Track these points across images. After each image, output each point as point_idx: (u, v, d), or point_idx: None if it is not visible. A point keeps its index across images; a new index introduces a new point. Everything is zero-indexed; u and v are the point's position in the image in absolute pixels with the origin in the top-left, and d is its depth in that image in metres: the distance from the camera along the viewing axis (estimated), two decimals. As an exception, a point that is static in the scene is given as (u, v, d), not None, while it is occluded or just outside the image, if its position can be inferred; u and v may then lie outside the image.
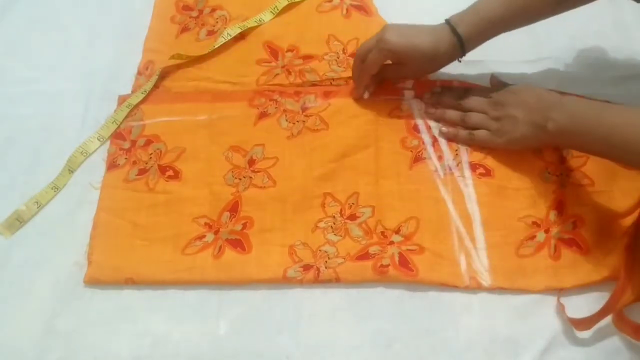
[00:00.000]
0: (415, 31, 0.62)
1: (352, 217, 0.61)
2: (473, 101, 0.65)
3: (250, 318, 0.57)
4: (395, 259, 0.58)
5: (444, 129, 0.65)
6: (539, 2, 0.61)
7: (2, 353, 0.56)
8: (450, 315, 0.56)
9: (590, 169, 0.62)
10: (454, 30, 0.61)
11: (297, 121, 0.67)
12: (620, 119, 0.53)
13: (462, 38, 0.61)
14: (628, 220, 0.57)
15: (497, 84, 0.67)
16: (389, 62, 0.64)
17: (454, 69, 0.69)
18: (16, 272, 0.60)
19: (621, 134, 0.53)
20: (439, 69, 0.65)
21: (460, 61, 0.64)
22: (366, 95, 0.66)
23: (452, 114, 0.66)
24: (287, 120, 0.67)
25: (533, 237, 0.59)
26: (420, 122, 0.66)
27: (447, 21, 0.62)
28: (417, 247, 0.59)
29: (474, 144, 0.64)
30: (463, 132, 0.64)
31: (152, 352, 0.56)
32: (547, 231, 0.59)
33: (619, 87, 0.68)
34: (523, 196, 0.61)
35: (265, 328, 0.56)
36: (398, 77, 0.68)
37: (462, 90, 0.67)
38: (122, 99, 0.70)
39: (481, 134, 0.63)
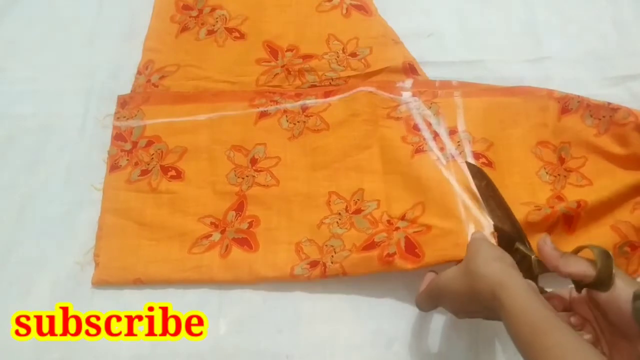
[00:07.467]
0: None
1: (358, 211, 0.61)
2: None
3: (250, 318, 0.57)
4: (402, 245, 0.57)
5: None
6: None
7: (2, 353, 0.56)
8: (450, 315, 0.56)
9: (589, 170, 0.61)
10: None
11: (298, 121, 0.67)
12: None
13: None
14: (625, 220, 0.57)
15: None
16: None
17: (453, 69, 0.69)
18: (16, 271, 0.60)
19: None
20: None
21: None
22: None
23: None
24: (287, 121, 0.67)
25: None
26: (420, 122, 0.66)
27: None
28: (423, 228, 0.58)
29: None
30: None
31: (152, 351, 0.56)
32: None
33: (619, 87, 0.68)
34: (522, 189, 0.61)
35: (265, 328, 0.57)
36: None
37: None
38: (121, 99, 0.70)
39: None
